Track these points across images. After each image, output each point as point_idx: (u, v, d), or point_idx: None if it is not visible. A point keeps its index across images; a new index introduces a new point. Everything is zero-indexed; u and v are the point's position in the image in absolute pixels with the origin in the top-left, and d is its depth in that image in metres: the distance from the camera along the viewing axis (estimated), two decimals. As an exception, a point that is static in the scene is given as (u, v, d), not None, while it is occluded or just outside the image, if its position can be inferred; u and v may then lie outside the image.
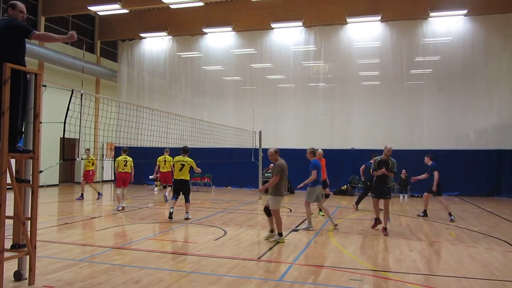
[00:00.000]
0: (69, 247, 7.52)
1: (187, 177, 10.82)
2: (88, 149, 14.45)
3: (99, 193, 15.14)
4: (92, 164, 15.23)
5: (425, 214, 11.94)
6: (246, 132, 16.61)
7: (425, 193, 12.04)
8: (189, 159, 10.81)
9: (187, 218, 10.60)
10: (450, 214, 11.29)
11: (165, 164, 14.23)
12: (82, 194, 14.96)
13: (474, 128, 18.47)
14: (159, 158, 14.37)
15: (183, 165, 10.72)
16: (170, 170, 14.08)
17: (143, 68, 23.40)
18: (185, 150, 10.93)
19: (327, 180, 11.96)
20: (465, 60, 18.52)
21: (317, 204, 10.37)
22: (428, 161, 11.94)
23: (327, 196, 11.76)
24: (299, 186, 10.15)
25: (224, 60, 21.87)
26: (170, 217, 10.50)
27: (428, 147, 18.39)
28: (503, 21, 18.03)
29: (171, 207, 10.67)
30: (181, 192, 10.88)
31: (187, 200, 10.82)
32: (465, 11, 17.83)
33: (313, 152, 10.05)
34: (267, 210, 8.37)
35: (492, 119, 18.14)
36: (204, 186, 20.16)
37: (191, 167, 10.84)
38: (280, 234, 8.19)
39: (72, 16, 21.85)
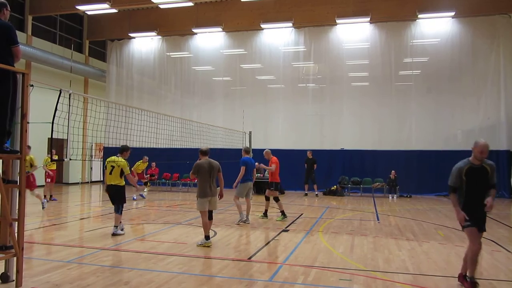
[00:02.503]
0: (57, 248, 7.45)
1: (119, 181, 8.67)
2: (29, 146, 13.57)
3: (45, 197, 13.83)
4: (31, 165, 12.65)
5: None
6: (236, 133, 16.60)
7: None
8: (122, 160, 8.74)
9: (115, 234, 8.53)
10: None
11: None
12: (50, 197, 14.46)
13: (462, 128, 18.67)
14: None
15: (113, 167, 8.68)
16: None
17: (132, 68, 23.24)
18: (120, 150, 8.93)
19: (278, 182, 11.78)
20: (453, 61, 18.71)
21: (245, 200, 10.57)
22: None
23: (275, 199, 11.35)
24: (234, 185, 10.60)
25: (214, 61, 21.82)
26: (113, 234, 8.59)
27: (417, 148, 18.63)
28: (490, 23, 18.26)
29: (116, 228, 8.71)
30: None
31: (117, 209, 8.66)
32: (453, 13, 18.01)
33: (246, 150, 10.87)
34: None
35: (479, 120, 18.34)
36: (194, 187, 20.10)
37: (122, 171, 8.69)
38: (207, 238, 7.72)
39: (60, 15, 21.64)
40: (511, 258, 7.17)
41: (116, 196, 8.76)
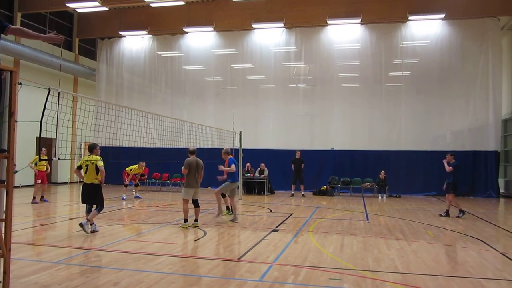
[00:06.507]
0: (46, 249, 7.37)
1: (95, 180, 8.73)
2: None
3: None
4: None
5: (447, 214, 12.02)
6: (226, 133, 16.58)
7: (447, 194, 12.19)
8: (96, 157, 8.82)
9: (94, 231, 8.71)
10: (461, 211, 11.86)
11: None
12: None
13: (451, 129, 18.86)
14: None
15: (87, 166, 8.77)
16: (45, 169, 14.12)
17: (123, 67, 23.10)
18: (89, 148, 9.00)
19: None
20: (442, 63, 18.90)
21: (229, 199, 11.08)
22: (451, 159, 12.08)
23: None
24: (220, 167, 11.16)
25: (204, 60, 21.78)
26: (94, 232, 8.68)
27: (406, 148, 18.78)
28: (479, 26, 18.47)
29: (88, 222, 8.59)
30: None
31: (97, 208, 8.83)
32: (443, 15, 18.18)
33: (227, 152, 11.22)
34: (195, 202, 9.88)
35: (468, 121, 18.56)
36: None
37: (96, 167, 8.73)
38: (185, 221, 9.60)
39: (50, 13, 21.43)
40: (499, 257, 7.25)
41: (94, 195, 8.83)
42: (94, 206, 8.93)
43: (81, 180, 9.11)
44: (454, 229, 9.97)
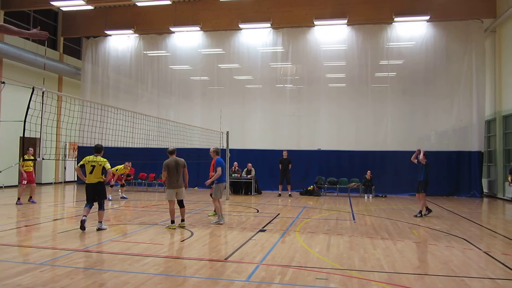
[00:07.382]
0: (29, 250, 7.26)
1: (100, 179, 9.20)
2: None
3: None
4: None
5: (428, 211, 12.18)
6: (213, 133, 16.54)
7: (418, 193, 12.32)
8: (102, 159, 9.25)
9: (100, 229, 9.14)
10: (420, 212, 12.05)
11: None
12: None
13: (436, 130, 19.11)
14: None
15: (93, 167, 9.10)
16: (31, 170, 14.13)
17: (108, 66, 22.87)
18: (97, 149, 9.34)
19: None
20: (427, 64, 19.15)
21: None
22: (423, 158, 12.27)
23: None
24: (206, 183, 10.92)
25: (191, 60, 21.69)
26: (82, 227, 8.88)
27: (392, 148, 18.95)
28: (463, 28, 18.75)
29: (84, 215, 9.02)
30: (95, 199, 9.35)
31: (100, 207, 9.28)
32: (428, 17, 18.41)
33: (217, 151, 10.89)
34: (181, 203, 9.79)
35: (452, 122, 18.83)
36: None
37: (104, 168, 9.21)
38: (172, 222, 9.60)
39: (34, 11, 21.12)
40: (482, 255, 7.36)
41: (100, 192, 9.28)
42: (97, 205, 9.29)
43: (79, 180, 9.21)
44: (439, 229, 10.09)
